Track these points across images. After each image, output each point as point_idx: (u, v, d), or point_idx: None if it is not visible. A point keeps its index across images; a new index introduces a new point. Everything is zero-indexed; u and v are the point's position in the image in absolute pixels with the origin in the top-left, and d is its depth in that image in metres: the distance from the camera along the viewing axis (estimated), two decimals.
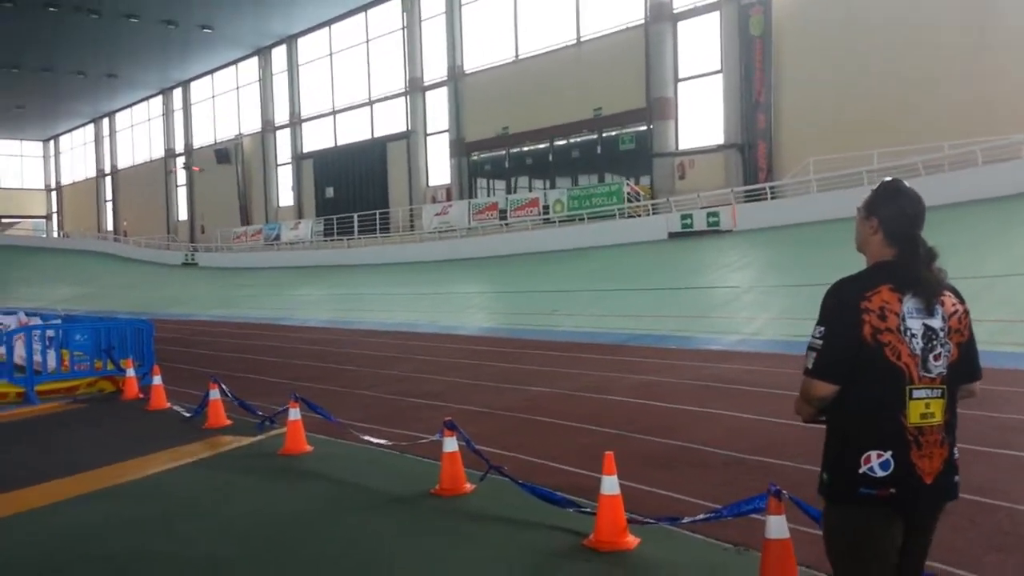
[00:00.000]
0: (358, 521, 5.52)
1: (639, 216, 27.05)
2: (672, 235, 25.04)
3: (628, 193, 27.72)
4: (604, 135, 30.29)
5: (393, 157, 38.71)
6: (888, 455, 2.34)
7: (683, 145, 27.98)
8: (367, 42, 39.93)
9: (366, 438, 7.36)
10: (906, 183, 2.57)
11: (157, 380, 10.34)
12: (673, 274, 19.81)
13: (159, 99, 55.67)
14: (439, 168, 36.93)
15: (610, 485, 4.74)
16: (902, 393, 2.36)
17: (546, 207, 29.74)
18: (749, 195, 24.90)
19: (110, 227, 62.38)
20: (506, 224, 30.81)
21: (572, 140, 31.50)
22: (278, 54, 45.20)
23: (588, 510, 5.03)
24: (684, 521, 4.66)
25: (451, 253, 31.01)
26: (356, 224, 37.82)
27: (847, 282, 2.45)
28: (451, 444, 6.05)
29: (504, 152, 33.98)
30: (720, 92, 26.57)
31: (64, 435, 8.75)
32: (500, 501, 5.69)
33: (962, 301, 2.51)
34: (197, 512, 5.84)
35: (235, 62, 48.00)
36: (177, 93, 53.88)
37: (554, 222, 29.08)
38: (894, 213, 2.49)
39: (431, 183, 37.31)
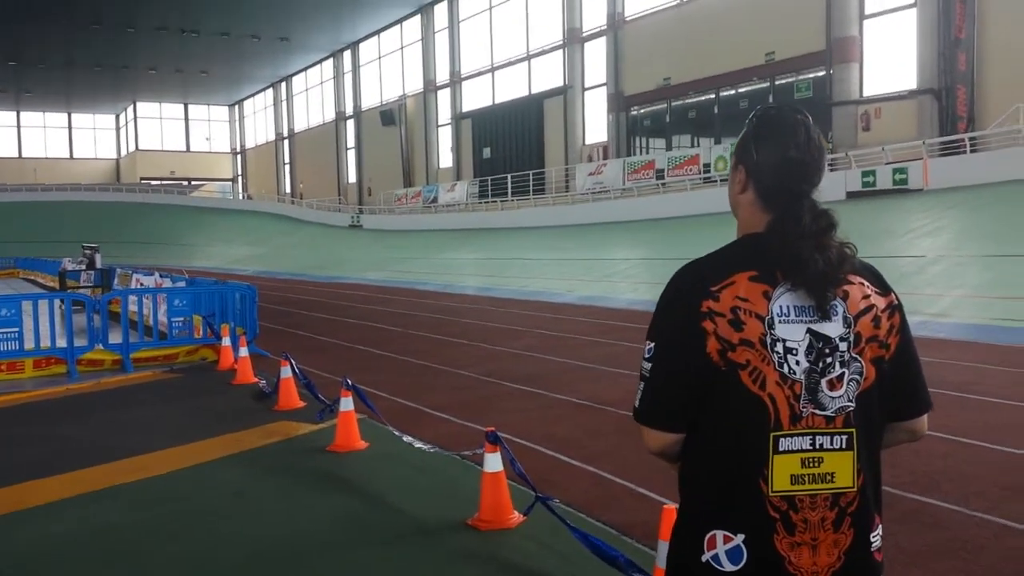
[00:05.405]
0: (360, 562, 4.31)
1: None
2: (851, 195, 22.10)
3: None
4: (777, 83, 27.42)
5: (549, 114, 37.30)
6: (739, 540, 1.45)
7: (868, 92, 24.72)
8: None
9: (406, 439, 6.09)
10: (800, 113, 1.55)
11: (244, 352, 9.65)
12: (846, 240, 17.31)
13: (330, 62, 57.13)
14: (596, 125, 35.15)
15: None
16: (764, 442, 1.43)
17: (707, 165, 27.33)
18: (945, 148, 21.53)
19: (288, 189, 65.22)
20: (663, 184, 28.68)
21: (740, 90, 28.79)
22: (440, 11, 44.87)
23: None
24: None
25: (604, 216, 29.30)
26: (510, 185, 36.83)
27: (690, 269, 1.53)
28: (494, 462, 4.69)
29: (665, 105, 31.67)
30: (914, 29, 23.12)
31: (127, 413, 8.15)
32: (548, 545, 4.33)
33: (885, 292, 1.56)
34: (190, 526, 4.84)
35: (399, 21, 48.21)
36: (347, 55, 55.01)
37: (715, 181, 26.67)
38: (769, 158, 1.54)
39: (587, 141, 35.62)
